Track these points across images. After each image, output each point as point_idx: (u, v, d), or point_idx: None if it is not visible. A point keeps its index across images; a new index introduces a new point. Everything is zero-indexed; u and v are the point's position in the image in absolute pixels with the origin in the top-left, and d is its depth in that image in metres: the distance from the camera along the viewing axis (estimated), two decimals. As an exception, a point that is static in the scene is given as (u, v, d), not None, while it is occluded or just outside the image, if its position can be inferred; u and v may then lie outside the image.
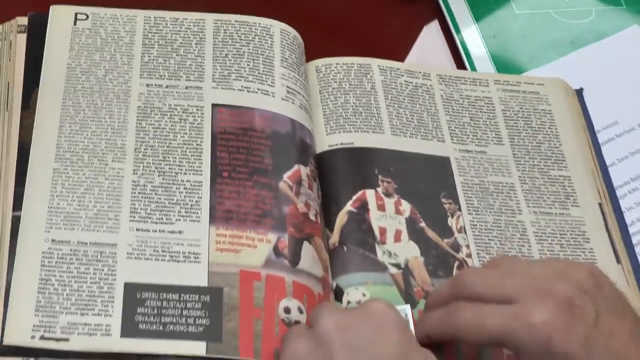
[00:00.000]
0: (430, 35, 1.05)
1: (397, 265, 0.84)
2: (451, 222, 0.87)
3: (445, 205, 0.88)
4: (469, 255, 0.86)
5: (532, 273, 0.72)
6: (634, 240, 0.90)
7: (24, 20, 0.88)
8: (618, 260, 0.87)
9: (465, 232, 0.87)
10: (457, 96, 0.96)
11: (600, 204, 0.90)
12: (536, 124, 0.95)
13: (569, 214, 0.89)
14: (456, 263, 0.85)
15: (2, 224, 0.78)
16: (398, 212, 0.87)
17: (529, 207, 0.89)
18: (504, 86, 0.97)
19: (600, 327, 0.68)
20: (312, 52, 0.95)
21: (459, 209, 0.88)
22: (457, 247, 0.86)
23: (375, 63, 0.96)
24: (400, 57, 1.00)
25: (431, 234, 0.86)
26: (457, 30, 1.03)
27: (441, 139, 0.92)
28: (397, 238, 0.85)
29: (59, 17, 0.89)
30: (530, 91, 0.97)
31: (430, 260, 0.85)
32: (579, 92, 0.99)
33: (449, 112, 0.94)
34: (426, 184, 0.89)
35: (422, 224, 0.87)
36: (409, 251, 0.85)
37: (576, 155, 0.93)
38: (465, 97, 0.96)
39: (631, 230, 0.91)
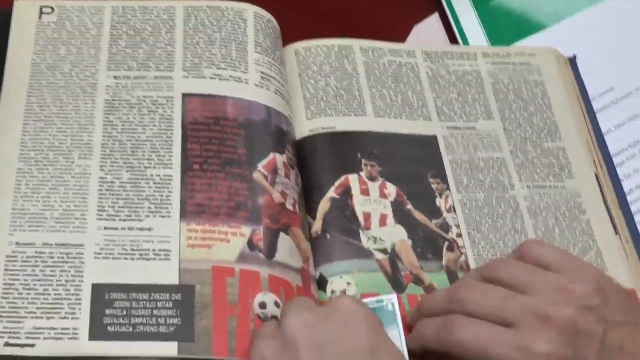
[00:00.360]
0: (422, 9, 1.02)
1: (384, 251, 0.81)
2: (439, 202, 0.84)
3: (433, 186, 0.85)
4: (459, 235, 0.83)
5: (532, 291, 0.69)
6: (633, 208, 0.88)
7: (-12, 15, 0.85)
8: (616, 231, 0.84)
9: (455, 211, 0.84)
10: (443, 72, 0.92)
11: (596, 174, 0.87)
12: (527, 96, 0.91)
13: (563, 187, 0.86)
14: (445, 243, 0.82)
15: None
16: (383, 195, 0.84)
17: (522, 181, 0.86)
18: (493, 59, 0.94)
19: (608, 344, 0.66)
20: (292, 35, 0.92)
21: (448, 188, 0.85)
22: (446, 228, 0.83)
23: (357, 44, 0.92)
24: (387, 36, 0.96)
25: (418, 215, 0.83)
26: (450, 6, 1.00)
27: (427, 118, 0.89)
28: (383, 222, 0.82)
29: (24, 12, 0.86)
30: (520, 62, 0.94)
31: (418, 243, 0.82)
32: (572, 60, 0.95)
33: (435, 89, 0.91)
34: (412, 164, 0.86)
35: (409, 206, 0.84)
36: (395, 235, 0.82)
37: (570, 125, 0.90)
38: (453, 72, 0.92)
39: (629, 198, 0.88)
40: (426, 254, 0.82)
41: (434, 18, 1.01)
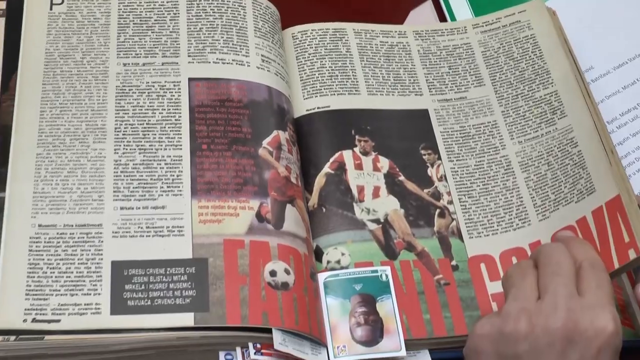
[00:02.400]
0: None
1: (377, 221, 0.81)
2: (431, 172, 0.85)
3: (424, 157, 0.85)
4: (450, 202, 0.83)
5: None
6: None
7: (2, 4, 0.85)
8: (606, 152, 0.80)
9: (446, 180, 0.84)
10: (434, 49, 0.92)
11: (587, 105, 0.84)
12: (518, 54, 0.91)
13: (555, 128, 0.85)
14: (437, 211, 0.83)
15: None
16: (376, 169, 0.84)
17: (513, 139, 0.86)
18: (483, 27, 0.93)
19: None
20: (290, 20, 0.92)
21: (439, 158, 0.85)
22: (437, 196, 0.83)
23: (350, 27, 0.92)
24: (380, 18, 0.96)
25: (410, 185, 0.84)
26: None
27: (419, 93, 0.89)
28: (376, 194, 0.83)
29: (35, 4, 0.85)
30: (511, 22, 0.93)
31: (410, 211, 0.82)
32: None
33: (426, 65, 0.91)
34: (404, 138, 0.86)
35: (401, 178, 0.84)
36: (388, 205, 0.82)
37: (561, 65, 0.88)
38: (443, 48, 0.92)
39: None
40: (418, 221, 0.82)
41: (428, 4, 1.01)
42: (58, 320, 0.71)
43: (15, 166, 0.76)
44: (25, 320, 0.70)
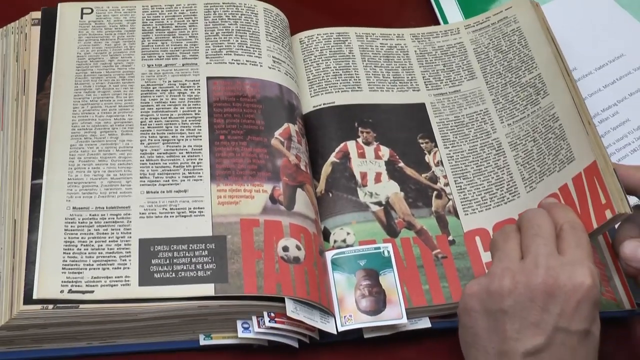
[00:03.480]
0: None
1: (379, 203, 0.86)
2: (428, 158, 0.89)
3: (422, 145, 0.90)
4: (447, 184, 0.87)
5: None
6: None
7: (37, 14, 0.90)
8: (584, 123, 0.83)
9: (442, 164, 0.88)
10: (430, 49, 0.97)
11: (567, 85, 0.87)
12: (506, 46, 0.95)
13: (539, 107, 0.88)
14: (434, 193, 0.87)
15: (22, 189, 0.80)
16: (378, 157, 0.88)
17: (503, 122, 0.90)
18: (474, 27, 0.98)
19: None
20: (298, 26, 0.97)
21: (435, 146, 0.89)
22: (434, 179, 0.88)
23: (353, 31, 0.97)
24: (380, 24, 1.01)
25: (409, 171, 0.88)
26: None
27: (416, 89, 0.94)
28: (378, 179, 0.87)
29: (67, 13, 0.91)
30: (499, 20, 0.97)
31: (410, 194, 0.87)
32: None
33: (422, 64, 0.95)
34: (403, 129, 0.90)
35: (401, 164, 0.88)
36: (389, 189, 0.87)
37: (543, 51, 0.91)
38: (438, 48, 0.97)
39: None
40: (417, 202, 0.86)
41: (423, 8, 1.05)
42: (92, 291, 0.75)
43: (52, 156, 0.82)
44: (62, 292, 0.75)
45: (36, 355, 0.77)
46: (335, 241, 0.83)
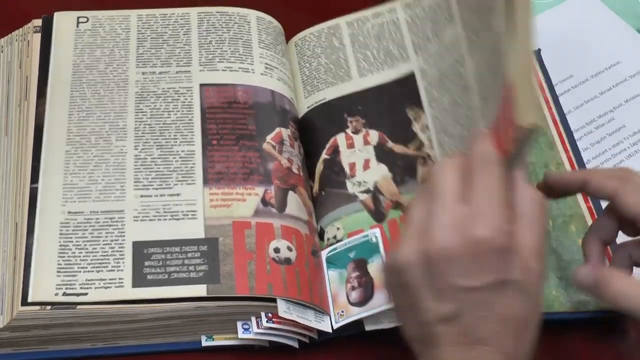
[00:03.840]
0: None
1: (367, 191, 0.86)
2: (415, 127, 0.88)
3: (409, 114, 0.89)
4: (431, 147, 0.86)
5: None
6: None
7: (39, 22, 0.91)
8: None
9: (428, 128, 0.87)
10: (419, 12, 0.94)
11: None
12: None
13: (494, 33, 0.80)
14: (420, 161, 0.86)
15: (22, 192, 0.81)
16: (367, 142, 0.88)
17: (472, 58, 0.82)
18: None
19: None
20: (294, 31, 0.98)
21: (422, 111, 0.88)
22: (420, 146, 0.87)
23: (343, 20, 0.96)
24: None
25: (398, 148, 0.88)
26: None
27: (406, 59, 0.92)
28: (366, 166, 0.87)
29: (63, 22, 0.92)
30: None
31: (397, 172, 0.86)
32: (537, 53, 0.98)
33: (413, 30, 0.94)
34: (393, 104, 0.89)
35: (389, 144, 0.88)
36: (377, 173, 0.87)
37: None
38: (429, 10, 0.93)
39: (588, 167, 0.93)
40: (404, 179, 0.85)
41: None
42: (85, 294, 0.76)
43: (47, 161, 0.82)
44: (57, 294, 0.75)
45: (42, 357, 0.78)
46: (328, 239, 0.84)
